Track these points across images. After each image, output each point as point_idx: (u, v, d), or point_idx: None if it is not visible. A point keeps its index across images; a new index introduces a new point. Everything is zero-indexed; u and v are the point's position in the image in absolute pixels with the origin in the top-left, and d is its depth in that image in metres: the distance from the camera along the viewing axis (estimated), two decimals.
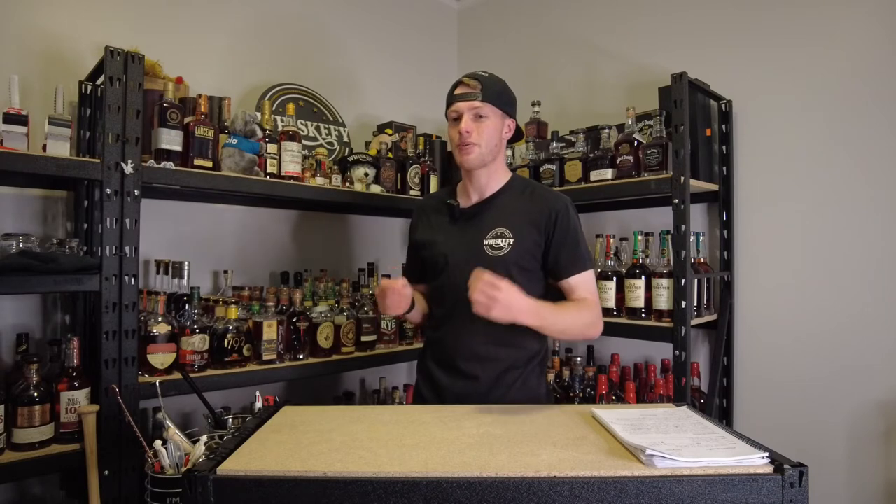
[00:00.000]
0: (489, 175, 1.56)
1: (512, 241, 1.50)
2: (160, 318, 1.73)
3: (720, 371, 2.12)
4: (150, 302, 1.82)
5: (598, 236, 2.27)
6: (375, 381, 2.62)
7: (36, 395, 1.50)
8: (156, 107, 1.75)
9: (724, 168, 2.20)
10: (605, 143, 2.17)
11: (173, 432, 1.38)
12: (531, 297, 1.45)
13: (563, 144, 2.39)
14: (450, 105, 1.53)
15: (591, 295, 1.50)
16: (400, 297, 1.49)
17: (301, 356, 2.03)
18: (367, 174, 2.31)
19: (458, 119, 1.50)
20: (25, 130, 1.53)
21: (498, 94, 1.52)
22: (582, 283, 1.50)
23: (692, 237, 1.97)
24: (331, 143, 2.58)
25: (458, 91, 1.51)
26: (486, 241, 1.51)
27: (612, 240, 2.21)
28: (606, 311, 2.10)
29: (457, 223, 1.59)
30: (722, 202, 2.20)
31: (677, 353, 1.89)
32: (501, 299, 1.24)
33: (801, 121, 2.06)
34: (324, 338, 2.08)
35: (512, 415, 1.22)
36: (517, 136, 1.62)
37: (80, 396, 1.57)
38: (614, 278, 2.10)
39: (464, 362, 1.51)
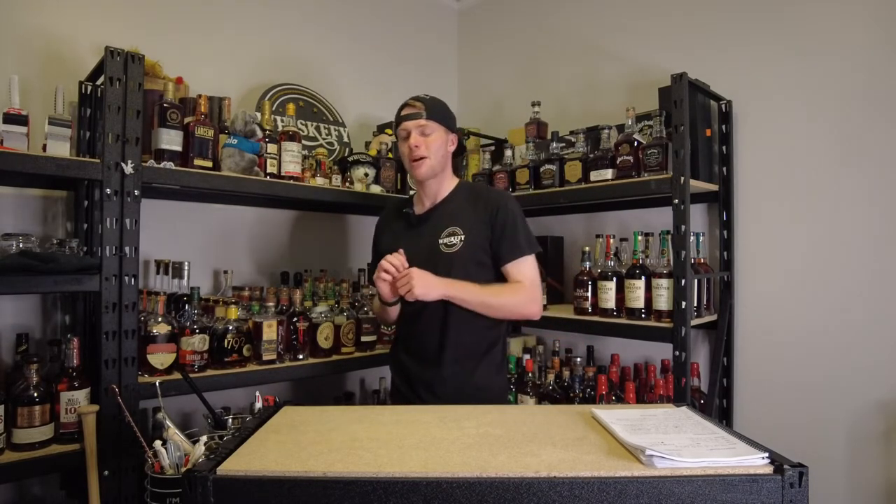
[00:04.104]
0: (439, 183, 1.76)
1: (463, 237, 1.67)
2: (160, 319, 1.73)
3: (720, 371, 2.12)
4: (150, 302, 1.82)
5: (598, 236, 2.27)
6: (375, 381, 2.62)
7: (36, 395, 1.50)
8: (156, 107, 1.75)
9: (724, 168, 2.20)
10: (605, 143, 2.17)
11: (173, 432, 1.39)
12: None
13: (563, 145, 2.39)
14: (398, 125, 1.72)
15: (526, 279, 1.67)
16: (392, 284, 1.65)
17: (301, 356, 2.03)
18: (367, 174, 2.31)
19: (407, 137, 1.70)
20: (25, 130, 1.53)
21: (440, 112, 1.71)
22: (518, 268, 1.68)
23: (692, 237, 1.97)
24: (331, 144, 2.58)
25: (404, 112, 1.71)
26: (440, 241, 1.68)
27: (612, 240, 2.21)
28: (606, 312, 2.10)
29: (413, 228, 1.77)
30: (722, 202, 2.20)
31: (677, 353, 1.89)
32: (416, 277, 1.55)
33: (801, 121, 2.06)
34: (324, 338, 2.08)
35: (512, 415, 1.22)
36: (460, 149, 1.83)
37: (80, 396, 1.57)
38: (614, 278, 2.10)
39: (429, 352, 1.70)
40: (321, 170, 2.20)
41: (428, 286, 1.56)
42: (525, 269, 1.68)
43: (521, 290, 1.66)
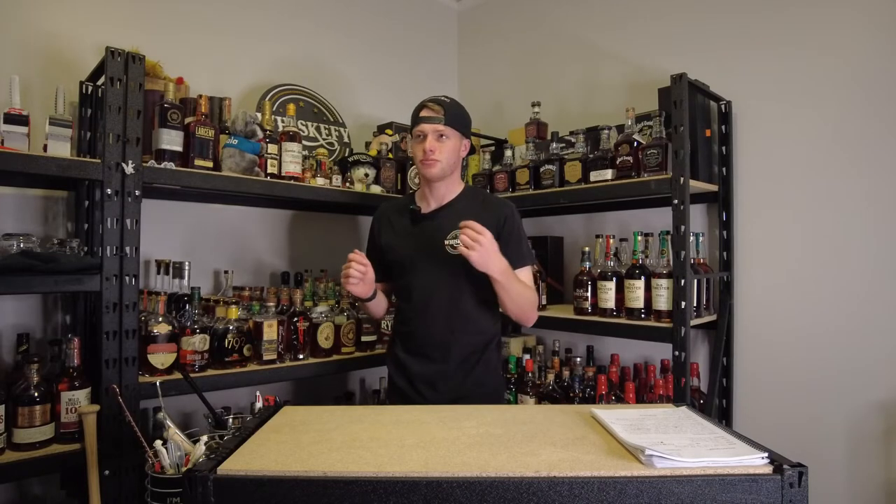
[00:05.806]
0: (447, 186, 1.78)
1: None
2: (161, 318, 1.73)
3: (720, 371, 2.12)
4: (151, 302, 1.82)
5: (598, 237, 2.28)
6: (375, 381, 2.62)
7: (36, 394, 1.50)
8: (156, 107, 1.75)
9: (724, 169, 2.20)
10: (605, 143, 2.17)
11: (174, 432, 1.39)
12: (486, 291, 1.69)
13: (563, 145, 2.39)
14: (415, 125, 1.72)
15: (531, 283, 1.75)
16: (363, 276, 1.68)
17: (301, 356, 2.03)
18: (367, 174, 2.31)
19: (422, 138, 1.70)
20: (26, 131, 1.53)
21: (458, 118, 1.73)
22: (523, 275, 1.73)
23: (692, 238, 1.97)
24: (331, 144, 2.58)
25: (423, 114, 1.71)
26: (446, 241, 1.67)
27: (611, 240, 2.21)
28: (606, 312, 2.10)
29: (418, 226, 1.79)
30: (721, 203, 2.20)
31: (677, 353, 1.89)
32: (485, 244, 1.51)
33: (801, 121, 2.06)
34: (324, 338, 2.08)
35: (512, 415, 1.22)
36: (470, 151, 1.86)
37: (81, 396, 1.57)
38: (614, 279, 2.10)
39: (432, 350, 1.72)
40: (321, 170, 2.20)
41: (489, 254, 1.53)
42: (529, 276, 1.76)
43: (533, 291, 1.74)
